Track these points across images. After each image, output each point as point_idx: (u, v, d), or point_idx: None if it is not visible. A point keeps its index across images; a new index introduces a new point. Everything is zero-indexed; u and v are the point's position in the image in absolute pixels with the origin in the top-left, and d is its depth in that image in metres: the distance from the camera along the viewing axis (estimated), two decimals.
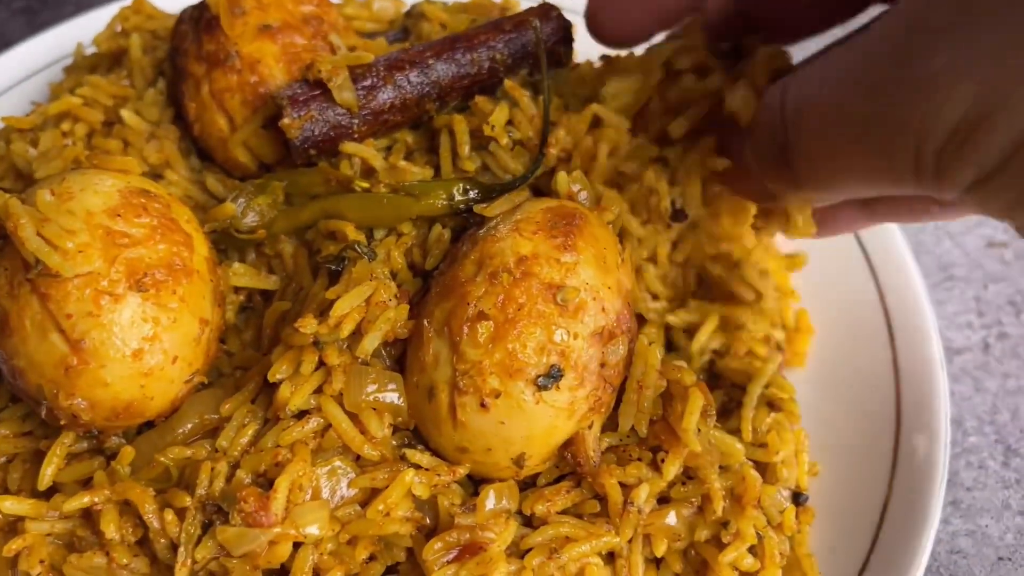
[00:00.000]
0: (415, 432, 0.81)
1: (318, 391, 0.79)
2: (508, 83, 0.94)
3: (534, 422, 0.75)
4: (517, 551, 0.78)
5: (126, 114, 1.01)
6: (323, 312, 0.79)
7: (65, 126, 1.02)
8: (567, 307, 0.75)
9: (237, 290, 0.91)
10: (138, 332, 0.75)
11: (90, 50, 1.21)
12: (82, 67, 1.18)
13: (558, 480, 0.83)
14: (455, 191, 0.88)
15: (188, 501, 0.75)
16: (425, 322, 0.78)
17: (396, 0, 1.24)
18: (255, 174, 0.99)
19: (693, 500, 0.83)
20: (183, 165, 1.00)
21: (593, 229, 0.80)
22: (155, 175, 0.97)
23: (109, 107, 1.05)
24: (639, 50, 0.94)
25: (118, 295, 0.74)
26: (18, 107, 1.23)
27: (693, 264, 0.95)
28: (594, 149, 0.90)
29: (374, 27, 1.19)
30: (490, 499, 0.77)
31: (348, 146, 0.92)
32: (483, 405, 0.75)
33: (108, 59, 1.16)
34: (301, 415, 0.79)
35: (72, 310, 0.74)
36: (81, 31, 1.31)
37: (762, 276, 0.93)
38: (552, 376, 0.74)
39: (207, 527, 0.75)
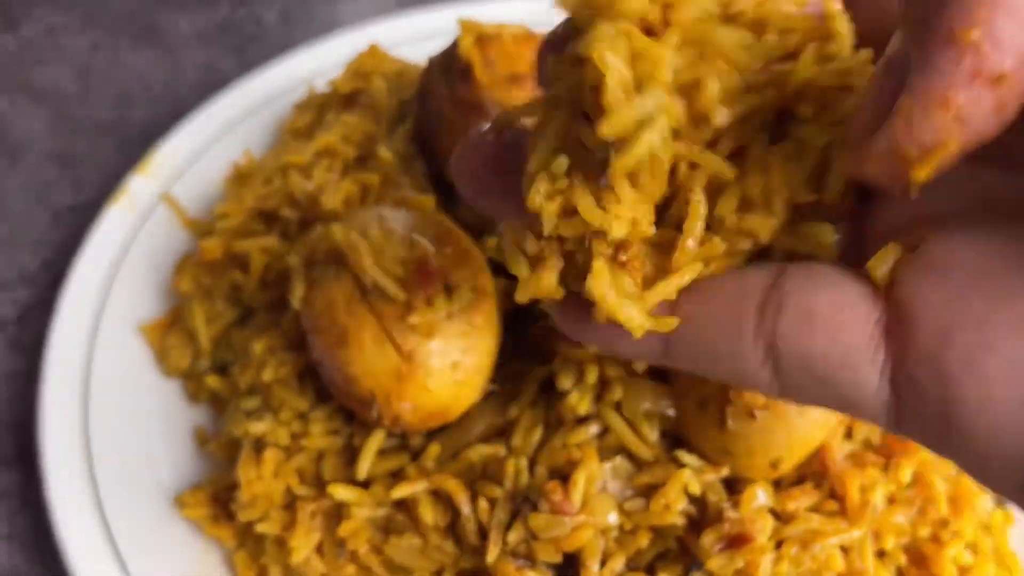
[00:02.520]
0: (676, 438, 0.94)
1: (598, 399, 0.91)
2: None
3: (794, 431, 0.87)
4: (775, 542, 0.90)
5: (382, 150, 1.15)
6: None
7: (324, 162, 1.16)
8: None
9: None
10: (457, 346, 0.88)
11: (318, 87, 1.35)
12: (314, 106, 1.33)
13: (799, 482, 0.95)
14: None
15: (499, 492, 0.88)
16: None
17: None
18: None
19: (916, 502, 0.95)
20: (437, 203, 1.13)
21: None
22: None
23: (359, 143, 1.18)
24: None
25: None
26: (246, 141, 1.38)
27: None
28: None
29: None
30: (755, 497, 0.89)
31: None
32: (752, 415, 0.87)
33: (341, 99, 1.30)
34: (581, 420, 0.92)
35: (403, 327, 0.87)
36: (292, 70, 1.46)
37: None
38: None
39: (515, 515, 0.88)
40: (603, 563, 0.87)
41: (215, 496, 1.03)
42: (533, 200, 0.45)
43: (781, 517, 0.92)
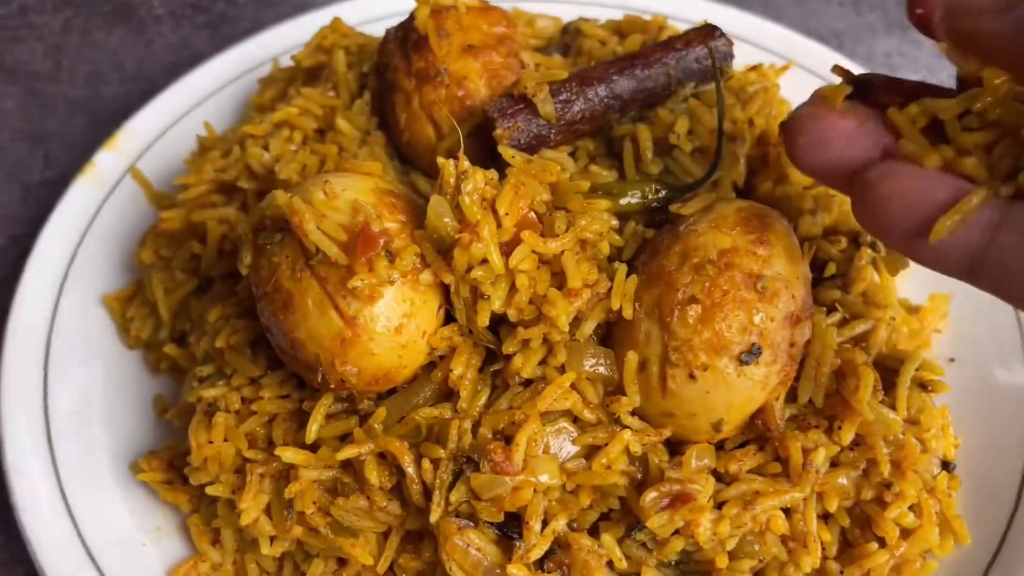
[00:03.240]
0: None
1: (542, 363, 0.92)
2: (691, 101, 1.06)
3: (735, 392, 0.88)
4: (714, 503, 0.91)
5: (341, 122, 1.16)
6: None
7: (284, 133, 1.17)
8: (765, 294, 0.88)
9: None
10: (399, 311, 0.89)
11: (284, 64, 1.36)
12: (279, 80, 1.34)
13: (743, 445, 0.96)
14: (647, 190, 1.01)
15: (442, 453, 0.89)
16: (636, 305, 0.91)
17: (554, 19, 1.37)
18: None
19: (860, 465, 0.96)
20: (391, 168, 1.14)
21: (780, 226, 0.93)
22: None
23: (319, 116, 1.19)
24: None
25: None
26: (213, 116, 1.38)
27: None
28: None
29: (536, 43, 1.33)
30: (695, 457, 0.90)
31: (546, 153, 1.05)
32: (692, 376, 0.88)
33: (304, 73, 1.31)
34: (527, 383, 0.93)
35: (346, 292, 0.88)
36: (261, 48, 1.47)
37: None
38: (753, 353, 0.87)
39: (457, 475, 0.89)
40: (545, 523, 0.88)
41: (171, 462, 1.04)
42: None
43: (723, 479, 0.93)
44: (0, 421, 1.05)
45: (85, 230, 1.24)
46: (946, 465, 1.01)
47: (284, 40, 1.45)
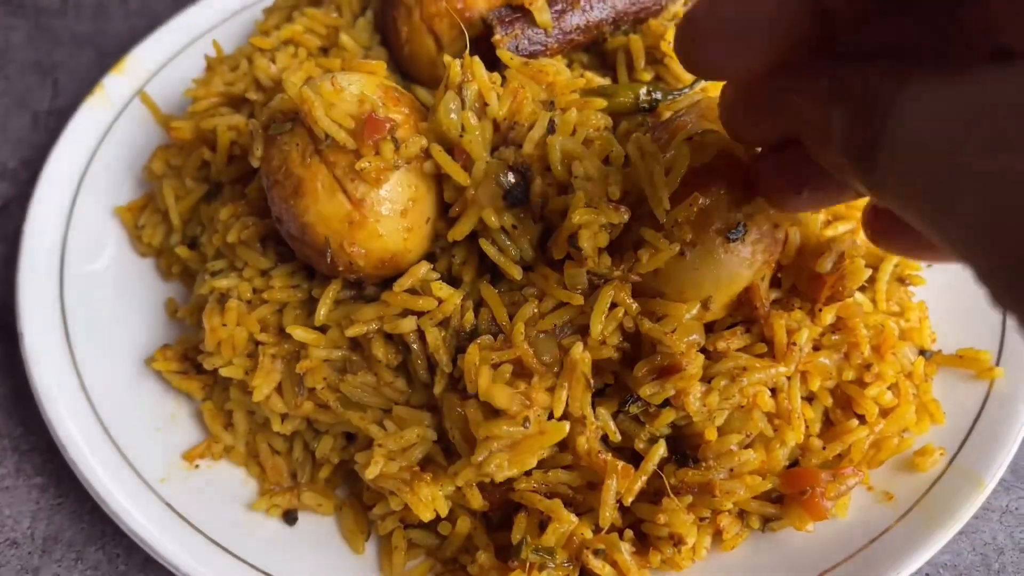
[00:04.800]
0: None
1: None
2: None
3: (722, 269, 0.93)
4: (704, 377, 0.96)
5: (344, 38, 1.20)
6: None
7: (289, 50, 1.21)
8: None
9: None
10: (405, 195, 0.94)
11: None
12: (283, 7, 1.38)
13: (731, 327, 1.00)
14: (641, 92, 1.06)
15: (443, 332, 0.94)
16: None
17: None
18: None
19: (841, 348, 1.01)
20: (395, 80, 1.19)
21: None
22: None
23: (323, 35, 1.24)
24: None
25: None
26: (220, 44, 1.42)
27: None
28: None
29: None
30: (685, 331, 0.95)
31: (543, 61, 1.10)
32: (681, 253, 0.93)
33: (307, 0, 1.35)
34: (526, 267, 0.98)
35: (354, 175, 0.92)
36: None
37: None
38: (739, 231, 0.92)
39: (459, 350, 0.94)
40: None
41: (184, 355, 1.09)
42: None
43: (712, 356, 0.98)
44: (20, 320, 1.09)
45: (96, 147, 1.28)
46: (923, 353, 1.07)
47: None
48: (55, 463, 1.06)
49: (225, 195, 1.14)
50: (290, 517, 1.00)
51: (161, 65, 1.39)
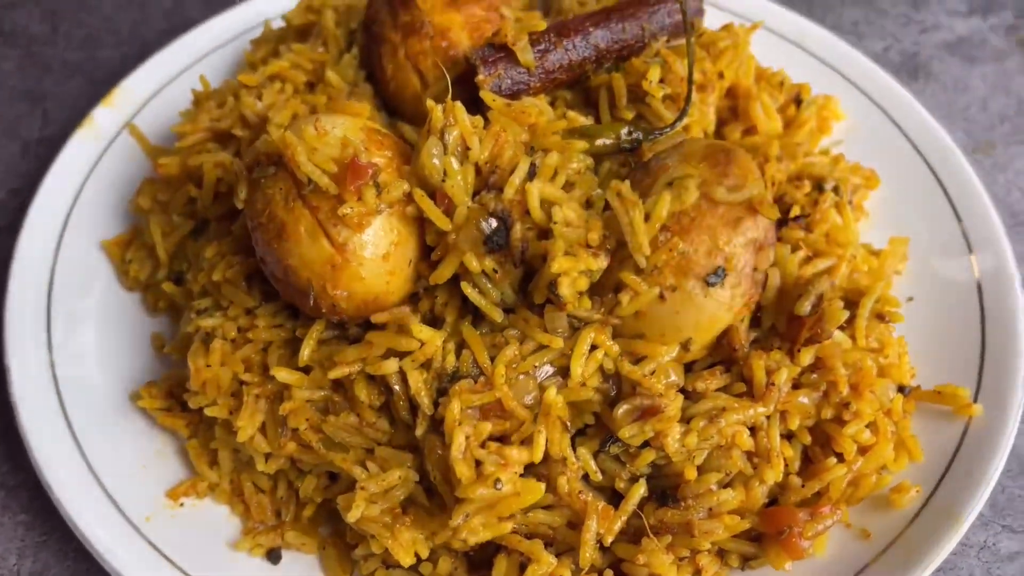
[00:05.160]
0: None
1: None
2: (663, 50, 1.12)
3: (701, 313, 0.94)
4: (683, 418, 0.97)
5: (330, 74, 1.21)
6: None
7: (276, 85, 1.22)
8: (730, 221, 0.94)
9: None
10: (388, 238, 0.95)
11: (276, 24, 1.41)
12: (271, 39, 1.39)
13: (711, 366, 1.02)
14: (622, 132, 1.07)
15: (424, 375, 0.95)
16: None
17: None
18: None
19: (820, 386, 1.02)
20: (379, 118, 1.20)
21: (744, 159, 0.99)
22: None
23: (309, 70, 1.25)
24: None
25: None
26: (206, 76, 1.43)
27: None
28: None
29: (518, 1, 1.38)
30: (663, 373, 0.96)
31: (525, 101, 1.11)
32: (661, 297, 0.94)
33: (294, 32, 1.36)
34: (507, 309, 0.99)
35: (336, 220, 0.93)
36: (253, 12, 1.52)
37: None
38: (718, 275, 0.93)
39: (441, 392, 0.94)
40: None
41: (169, 391, 1.10)
42: None
43: (691, 396, 0.99)
44: (5, 354, 1.09)
45: (84, 180, 1.29)
46: (902, 389, 1.08)
47: (275, 4, 1.49)
48: (41, 500, 1.07)
49: (211, 231, 1.15)
50: (274, 556, 1.01)
51: (150, 96, 1.40)
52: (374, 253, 0.95)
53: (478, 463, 0.87)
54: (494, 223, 0.94)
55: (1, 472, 1.12)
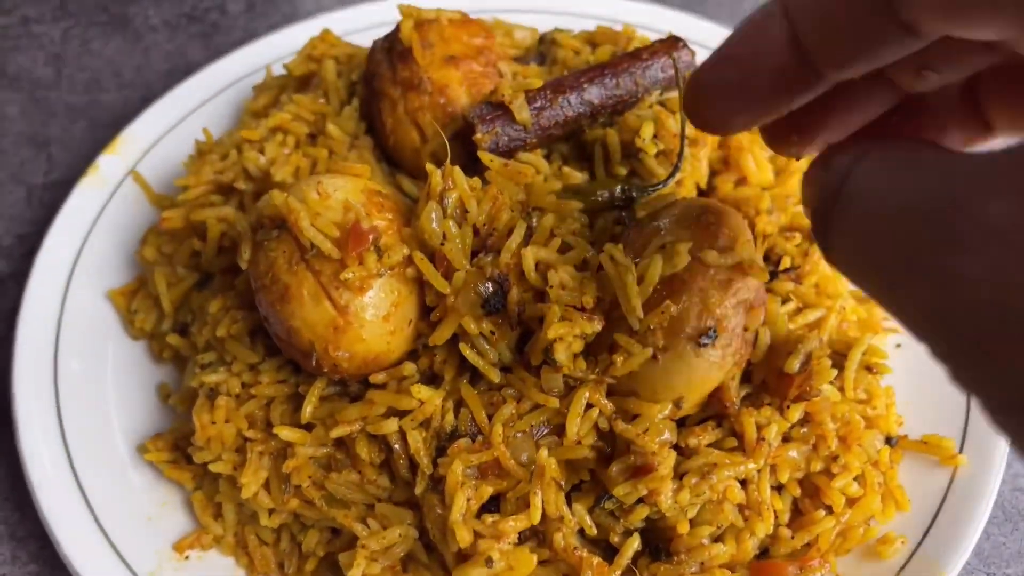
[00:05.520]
0: None
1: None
2: (656, 108, 1.15)
3: (693, 372, 0.97)
4: (676, 474, 0.99)
5: (331, 127, 1.24)
6: None
7: (278, 137, 1.25)
8: (721, 283, 0.97)
9: None
10: (388, 300, 0.98)
11: (276, 72, 1.44)
12: (272, 87, 1.42)
13: (702, 422, 1.04)
14: (616, 189, 1.10)
15: (424, 434, 0.98)
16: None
17: (532, 30, 1.46)
18: None
19: (809, 440, 1.05)
20: (379, 170, 1.22)
21: (736, 221, 1.02)
22: None
23: (311, 121, 1.28)
24: None
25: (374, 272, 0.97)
26: (209, 121, 1.46)
27: None
28: None
29: (515, 52, 1.42)
30: (657, 431, 0.98)
31: (523, 156, 1.14)
32: (654, 357, 0.96)
33: (295, 81, 1.39)
34: (505, 369, 1.01)
35: (339, 283, 0.96)
36: (254, 56, 1.55)
37: None
38: (710, 336, 0.96)
39: (440, 451, 0.97)
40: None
41: (175, 444, 1.12)
42: None
43: (684, 452, 1.02)
44: (14, 407, 1.12)
45: (90, 228, 1.31)
46: (889, 440, 1.11)
47: (276, 49, 1.52)
48: (50, 550, 1.09)
49: (215, 284, 1.17)
50: None
51: (153, 142, 1.43)
52: (375, 315, 0.97)
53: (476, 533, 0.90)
54: (491, 287, 0.97)
55: (11, 522, 1.14)
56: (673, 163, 1.14)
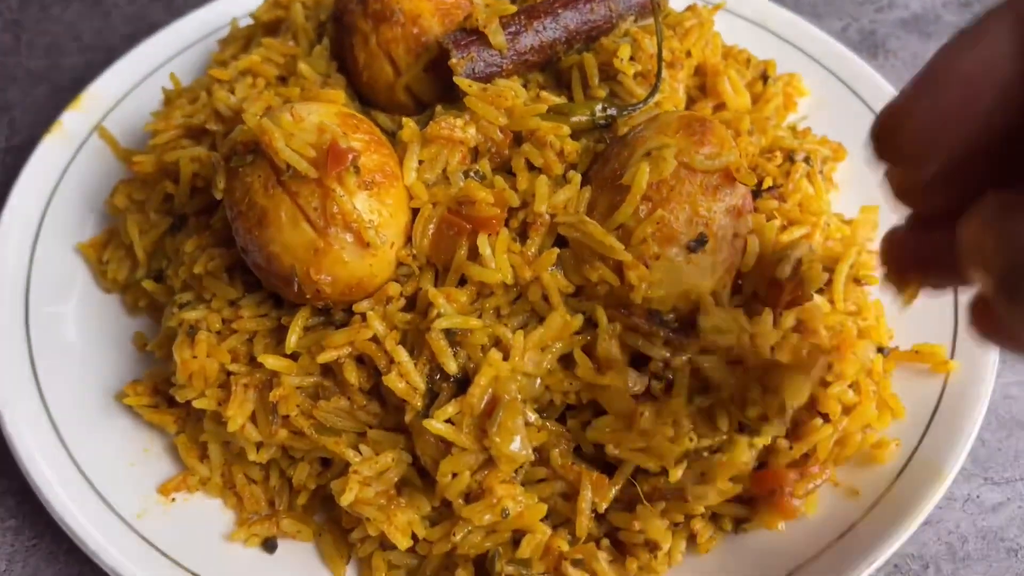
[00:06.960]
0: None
1: None
2: (632, 29, 1.14)
3: (684, 277, 0.96)
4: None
5: (302, 67, 1.21)
6: None
7: (248, 80, 1.22)
8: (709, 189, 0.96)
9: None
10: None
11: (243, 23, 1.41)
12: (239, 38, 1.39)
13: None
14: (596, 109, 1.08)
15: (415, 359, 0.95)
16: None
17: None
18: (414, 112, 1.19)
19: (803, 348, 1.03)
20: (352, 106, 1.20)
21: (719, 128, 1.01)
22: None
23: (281, 64, 1.25)
24: None
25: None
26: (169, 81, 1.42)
27: None
28: None
29: None
30: None
31: (500, 82, 1.12)
32: (645, 266, 0.95)
33: (263, 29, 1.36)
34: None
35: (317, 204, 0.93)
36: (219, 14, 1.51)
37: None
38: (699, 242, 0.95)
39: (431, 379, 0.95)
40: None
41: (155, 388, 1.09)
42: None
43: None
44: None
45: (56, 184, 1.27)
46: (881, 350, 1.10)
47: (240, 4, 1.49)
48: (29, 504, 1.06)
49: (190, 227, 1.14)
50: (269, 545, 1.00)
51: (119, 99, 1.39)
52: (356, 237, 0.95)
53: None
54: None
55: None
56: (651, 84, 1.13)
